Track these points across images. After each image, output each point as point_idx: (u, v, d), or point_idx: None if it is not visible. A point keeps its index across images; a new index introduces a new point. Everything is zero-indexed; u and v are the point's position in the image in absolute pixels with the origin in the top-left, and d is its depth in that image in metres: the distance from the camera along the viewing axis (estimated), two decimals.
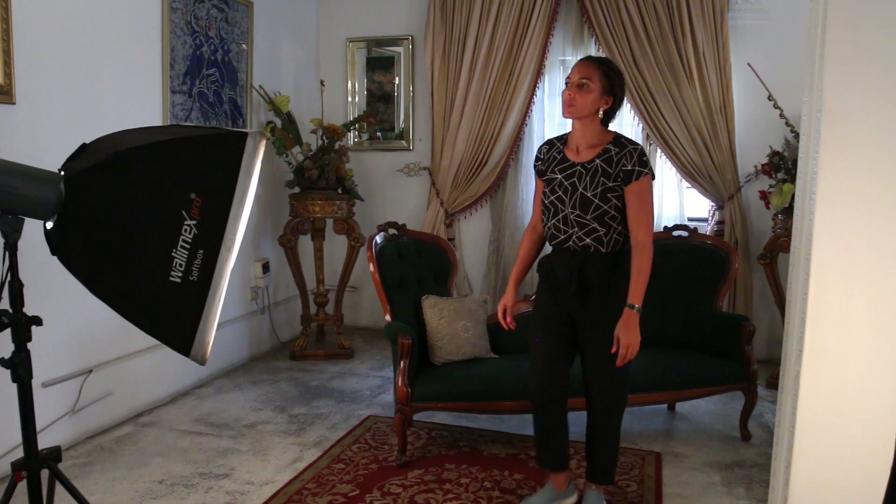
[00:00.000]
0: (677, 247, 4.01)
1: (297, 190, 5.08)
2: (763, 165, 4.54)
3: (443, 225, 5.46)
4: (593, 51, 5.18)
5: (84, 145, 1.94)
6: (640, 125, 5.12)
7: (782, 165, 4.41)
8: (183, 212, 1.87)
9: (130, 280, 1.87)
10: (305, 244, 5.33)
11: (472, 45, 5.28)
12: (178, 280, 1.88)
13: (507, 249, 5.48)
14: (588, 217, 2.60)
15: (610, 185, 2.57)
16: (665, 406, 4.06)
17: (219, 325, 1.98)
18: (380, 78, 5.87)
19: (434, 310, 3.59)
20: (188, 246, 1.88)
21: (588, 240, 2.62)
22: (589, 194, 2.59)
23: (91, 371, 3.60)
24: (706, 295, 3.87)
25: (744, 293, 5.00)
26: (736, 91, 4.91)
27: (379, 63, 5.86)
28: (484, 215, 5.59)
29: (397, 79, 5.81)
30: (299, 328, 5.33)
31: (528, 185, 5.39)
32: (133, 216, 1.85)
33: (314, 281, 5.27)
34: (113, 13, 3.69)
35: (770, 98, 4.46)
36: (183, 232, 1.87)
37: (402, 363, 3.26)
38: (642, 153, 2.58)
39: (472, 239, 5.65)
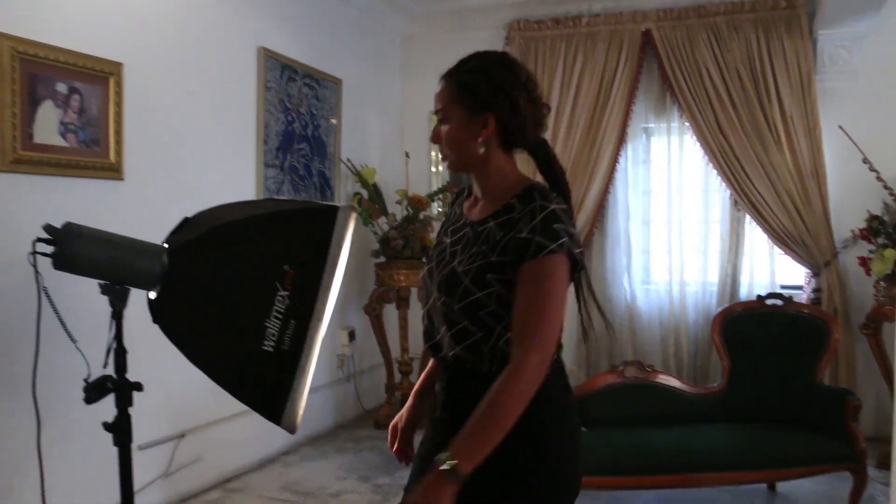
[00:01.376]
0: (772, 316, 3.86)
1: (382, 259, 5.17)
2: (861, 230, 4.36)
3: None
4: (676, 118, 5.16)
5: (186, 219, 2.04)
6: (728, 191, 5.02)
7: (882, 230, 4.22)
8: (276, 283, 1.92)
9: (225, 348, 1.93)
10: (391, 313, 5.38)
11: (554, 114, 5.33)
12: (271, 349, 1.93)
13: (596, 319, 5.35)
14: (456, 309, 1.57)
15: (493, 259, 1.54)
16: (765, 486, 3.84)
17: None
18: None
19: None
20: (281, 316, 1.93)
21: (459, 348, 1.60)
22: (460, 270, 1.58)
23: (184, 435, 3.69)
24: (805, 367, 3.69)
25: (846, 365, 4.73)
26: (827, 154, 4.77)
27: None
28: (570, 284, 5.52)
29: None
30: (384, 396, 5.34)
31: (614, 254, 5.33)
32: (230, 287, 1.92)
33: (399, 349, 5.30)
34: (213, 95, 3.92)
35: (865, 161, 4.32)
36: (276, 302, 1.92)
37: None
38: (552, 217, 1.51)
39: None
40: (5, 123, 2.79)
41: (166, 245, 1.97)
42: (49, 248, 1.92)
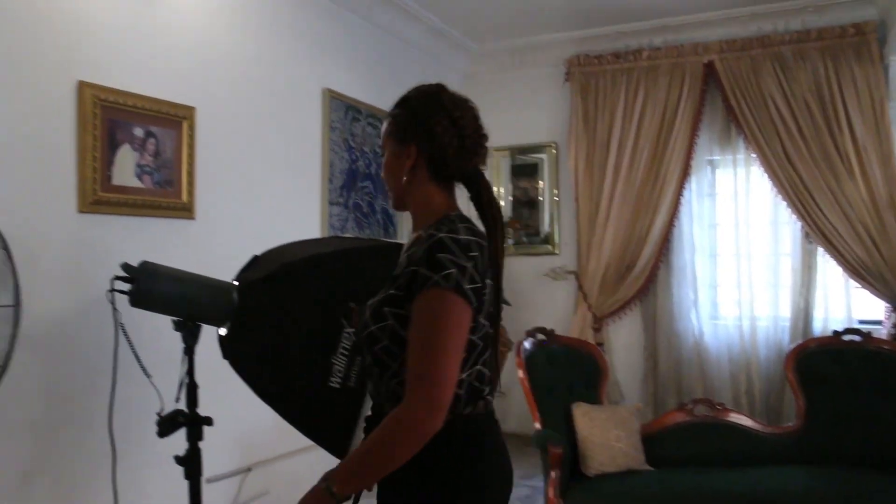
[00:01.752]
0: (850, 353, 3.71)
1: None
2: None
3: (591, 329, 5.35)
4: (742, 150, 5.07)
5: (255, 257, 2.09)
6: (799, 223, 4.88)
7: None
8: (342, 319, 1.95)
9: (292, 383, 1.96)
10: None
11: (616, 148, 5.31)
12: (338, 385, 1.95)
13: (662, 355, 5.28)
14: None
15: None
16: None
17: None
18: (524, 184, 5.99)
19: (585, 418, 3.48)
20: (347, 352, 1.95)
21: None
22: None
23: (250, 469, 3.73)
24: (887, 406, 3.52)
25: None
26: None
27: (523, 170, 6.00)
28: (634, 319, 5.44)
29: (541, 184, 5.91)
30: None
31: (680, 288, 5.23)
32: (297, 323, 1.95)
33: None
34: (280, 136, 4.04)
35: None
36: (342, 339, 1.95)
37: (552, 473, 3.16)
38: (438, 246, 1.41)
39: (623, 343, 5.49)
40: (87, 167, 2.93)
41: (236, 282, 2.02)
42: (126, 286, 2.00)
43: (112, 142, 3.04)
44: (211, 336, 2.05)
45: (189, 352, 2.08)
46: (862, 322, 4.72)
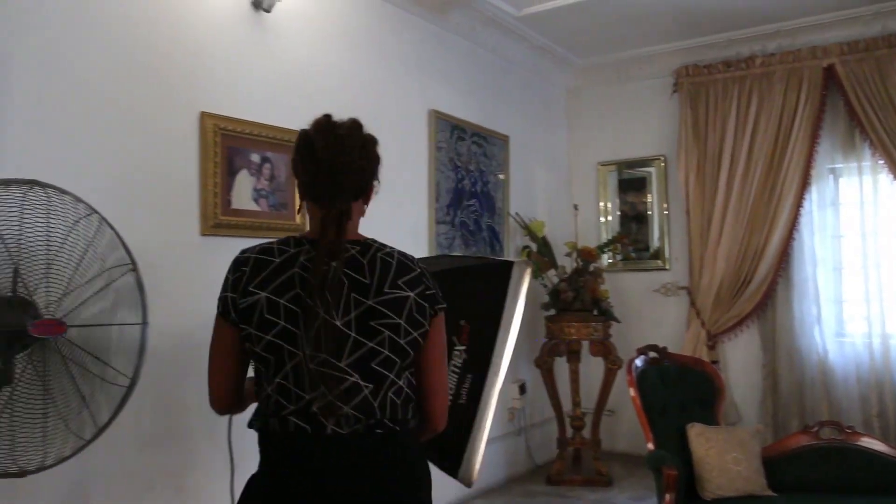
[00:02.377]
0: None
1: (552, 312, 5.13)
2: None
3: (705, 347, 5.17)
4: (868, 157, 4.78)
5: None
6: None
7: None
8: (454, 338, 1.96)
9: None
10: (561, 366, 5.31)
11: (729, 160, 5.13)
12: (449, 403, 1.96)
13: (783, 374, 5.02)
14: None
15: None
16: None
17: None
18: (632, 199, 5.87)
19: (701, 438, 3.35)
20: (458, 370, 1.96)
21: None
22: None
23: None
24: None
25: None
26: None
27: (631, 184, 5.88)
28: (751, 336, 5.20)
29: (650, 198, 5.77)
30: (555, 451, 5.24)
31: (801, 304, 4.97)
32: None
33: (570, 403, 5.20)
34: (388, 156, 4.10)
35: None
36: (453, 357, 1.96)
37: (667, 496, 3.05)
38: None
39: (740, 362, 5.26)
40: (208, 192, 3.10)
41: None
42: None
43: (231, 168, 3.21)
44: None
45: None
46: None
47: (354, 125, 1.75)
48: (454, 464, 1.98)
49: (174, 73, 3.03)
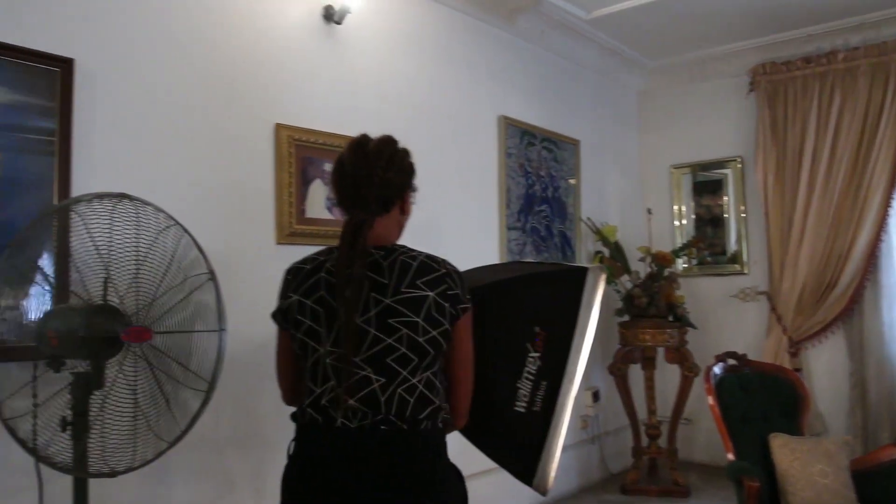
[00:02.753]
0: None
1: (626, 318, 5.05)
2: None
3: (787, 354, 4.98)
4: None
5: None
6: None
7: None
8: (528, 344, 1.95)
9: (479, 408, 1.96)
10: (636, 373, 5.21)
11: (810, 159, 4.94)
12: (523, 410, 1.94)
13: (872, 383, 4.79)
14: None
15: None
16: None
17: None
18: (707, 201, 5.73)
19: (785, 449, 3.23)
20: (532, 377, 1.94)
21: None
22: None
23: None
24: None
25: None
26: None
27: (706, 186, 5.74)
28: (837, 343, 4.99)
29: (726, 200, 5.62)
30: (630, 460, 5.14)
31: (892, 308, 4.74)
32: (483, 349, 1.97)
33: (645, 411, 5.09)
34: (459, 163, 4.15)
35: None
36: (527, 364, 1.95)
37: None
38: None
39: (824, 370, 5.05)
40: (284, 202, 3.18)
41: None
42: None
43: (305, 178, 3.27)
44: None
45: None
46: None
47: (384, 140, 1.85)
48: (529, 472, 1.96)
49: (250, 86, 3.13)
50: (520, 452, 1.98)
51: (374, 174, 1.76)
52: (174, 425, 2.16)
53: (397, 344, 1.64)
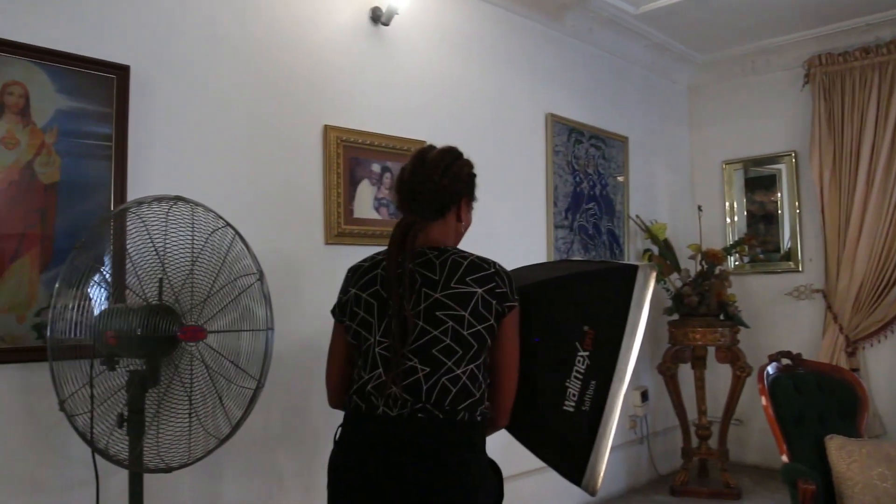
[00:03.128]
0: None
1: (675, 317, 4.97)
2: None
3: (843, 354, 4.85)
4: None
5: None
6: None
7: None
8: (577, 343, 1.94)
9: (528, 407, 1.96)
10: (685, 373, 5.13)
11: (869, 153, 4.79)
12: (572, 409, 1.93)
13: None
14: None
15: None
16: None
17: None
18: (760, 198, 5.60)
19: (842, 452, 3.14)
20: (581, 376, 1.93)
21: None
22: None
23: None
24: None
25: None
26: None
27: (758, 182, 5.62)
28: None
29: (779, 196, 5.49)
30: (679, 461, 5.06)
31: None
32: (532, 348, 1.97)
33: (695, 412, 5.01)
34: (506, 162, 4.14)
35: None
36: (576, 363, 1.93)
37: None
38: None
39: (884, 370, 4.89)
40: (332, 202, 3.21)
41: None
42: None
43: (353, 178, 3.31)
44: None
45: None
46: None
47: (444, 150, 1.94)
48: (578, 472, 1.95)
49: (300, 88, 3.17)
50: (568, 452, 1.97)
51: (429, 180, 1.86)
52: (225, 423, 2.21)
53: (443, 336, 1.72)
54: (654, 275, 1.99)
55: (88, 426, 2.01)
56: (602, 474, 1.94)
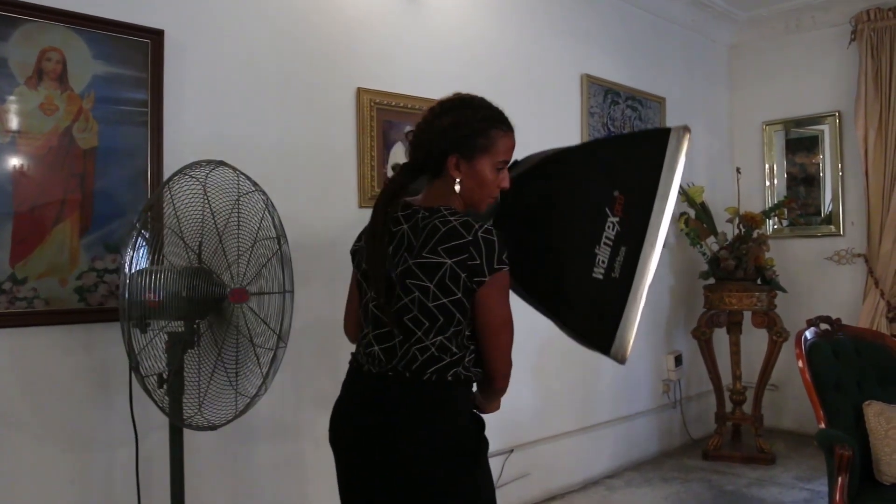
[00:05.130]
0: None
1: (711, 281, 4.92)
2: None
3: (884, 319, 4.76)
4: None
5: (515, 161, 2.06)
6: None
7: None
8: (606, 209, 1.88)
9: (555, 276, 1.90)
10: (720, 337, 5.09)
11: None
12: (601, 277, 1.87)
13: None
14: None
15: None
16: None
17: (630, 416, 1.97)
18: (801, 159, 5.47)
19: (880, 418, 3.10)
20: (611, 243, 1.87)
21: None
22: None
23: (512, 451, 3.86)
24: None
25: None
26: None
27: (800, 144, 5.48)
28: None
29: (822, 158, 5.35)
30: (713, 426, 5.05)
31: None
32: (559, 215, 1.91)
33: (730, 377, 4.98)
34: (540, 123, 4.08)
35: None
36: (606, 229, 1.87)
37: (839, 478, 2.86)
38: None
39: None
40: (365, 165, 3.22)
41: None
42: None
43: (386, 141, 3.30)
44: None
45: None
46: None
47: (447, 100, 1.86)
48: (607, 340, 1.89)
49: (333, 52, 3.15)
50: (597, 320, 1.90)
51: (419, 131, 1.81)
52: (259, 381, 2.26)
53: (411, 305, 1.70)
54: (687, 136, 1.91)
55: (155, 388, 2.05)
56: (631, 343, 1.89)
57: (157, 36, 2.55)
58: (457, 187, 1.77)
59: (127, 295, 1.96)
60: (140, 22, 2.52)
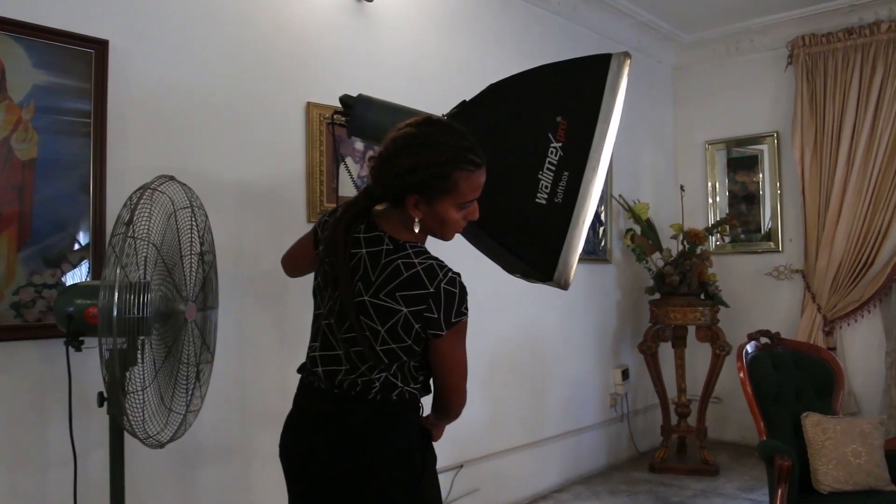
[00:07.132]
0: None
1: (657, 296, 5.02)
2: None
3: (821, 333, 4.92)
4: None
5: (464, 102, 2.08)
6: None
7: None
8: (549, 134, 1.88)
9: (499, 202, 1.88)
10: (666, 352, 5.19)
11: (850, 135, 4.83)
12: (544, 202, 1.88)
13: None
14: None
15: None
16: None
17: (578, 430, 1.99)
18: (742, 178, 5.64)
19: (817, 429, 3.20)
20: (553, 168, 1.87)
21: None
22: None
23: (462, 466, 3.85)
24: None
25: None
26: None
27: (740, 163, 5.65)
28: (872, 322, 4.91)
29: (761, 177, 5.52)
30: (659, 439, 5.13)
31: None
32: (503, 141, 1.90)
33: (675, 390, 5.07)
34: None
35: None
36: (549, 154, 1.88)
37: (779, 489, 2.94)
38: None
39: (860, 349, 4.97)
40: (315, 180, 3.20)
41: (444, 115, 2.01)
42: (344, 119, 2.12)
43: (336, 156, 3.28)
44: None
45: None
46: None
47: (418, 130, 1.65)
48: (549, 265, 1.89)
49: (282, 66, 3.13)
50: (540, 246, 1.90)
51: (380, 160, 1.66)
52: (198, 397, 2.22)
53: (360, 340, 1.65)
54: (628, 61, 1.92)
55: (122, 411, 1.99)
56: (574, 268, 1.89)
57: (101, 46, 2.50)
58: (416, 227, 1.67)
59: (72, 310, 1.91)
60: (84, 31, 2.47)
